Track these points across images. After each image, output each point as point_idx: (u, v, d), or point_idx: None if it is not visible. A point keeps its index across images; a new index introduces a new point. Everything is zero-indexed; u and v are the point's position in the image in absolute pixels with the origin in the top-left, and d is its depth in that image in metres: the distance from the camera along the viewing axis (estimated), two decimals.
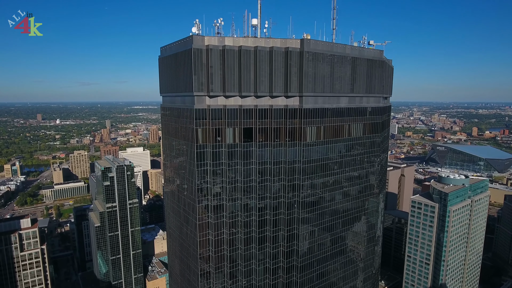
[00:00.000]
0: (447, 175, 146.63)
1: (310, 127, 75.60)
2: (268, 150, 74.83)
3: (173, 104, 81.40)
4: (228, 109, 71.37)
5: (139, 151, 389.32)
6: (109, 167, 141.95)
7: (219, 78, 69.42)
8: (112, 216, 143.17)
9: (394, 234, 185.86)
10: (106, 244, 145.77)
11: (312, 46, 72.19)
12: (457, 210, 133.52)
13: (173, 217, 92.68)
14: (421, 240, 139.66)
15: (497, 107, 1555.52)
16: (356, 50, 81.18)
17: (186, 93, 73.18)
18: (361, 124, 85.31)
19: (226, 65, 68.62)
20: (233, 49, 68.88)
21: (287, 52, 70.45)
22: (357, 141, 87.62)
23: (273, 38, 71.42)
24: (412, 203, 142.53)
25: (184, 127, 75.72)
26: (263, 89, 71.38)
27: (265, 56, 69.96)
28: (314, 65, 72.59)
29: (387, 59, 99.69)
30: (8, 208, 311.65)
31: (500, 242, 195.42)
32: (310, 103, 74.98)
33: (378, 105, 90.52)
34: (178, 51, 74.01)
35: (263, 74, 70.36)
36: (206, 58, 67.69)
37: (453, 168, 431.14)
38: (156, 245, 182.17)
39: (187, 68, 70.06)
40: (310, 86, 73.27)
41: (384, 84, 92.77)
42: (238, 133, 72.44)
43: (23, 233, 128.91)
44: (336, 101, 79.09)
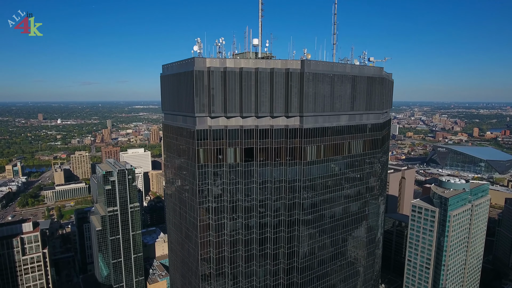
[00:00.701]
0: (447, 180, 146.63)
1: (311, 146, 76.27)
2: (268, 169, 75.52)
3: (174, 122, 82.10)
4: (229, 130, 72.06)
5: (140, 152, 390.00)
6: (110, 171, 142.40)
7: (220, 99, 70.15)
8: (113, 220, 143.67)
9: (394, 237, 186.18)
10: (108, 247, 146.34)
11: (313, 67, 72.80)
12: (458, 215, 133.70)
13: (175, 233, 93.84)
14: (422, 244, 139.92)
15: (498, 107, 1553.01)
16: (356, 69, 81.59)
17: (187, 113, 73.90)
18: (361, 141, 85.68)
19: (227, 87, 69.35)
20: (234, 71, 69.53)
21: (288, 73, 70.99)
22: (357, 158, 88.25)
23: (273, 60, 71.88)
24: (412, 207, 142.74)
25: (186, 147, 76.57)
26: (264, 109, 72.12)
27: (266, 78, 70.55)
28: (315, 85, 73.14)
29: (387, 73, 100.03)
30: (10, 209, 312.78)
31: (500, 246, 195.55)
32: (311, 122, 75.74)
33: (378, 121, 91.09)
34: (180, 71, 74.67)
35: (263, 95, 71.00)
36: (208, 80, 68.35)
37: (453, 169, 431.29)
38: (157, 248, 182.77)
39: (188, 89, 70.81)
40: (310, 106, 73.95)
41: (384, 100, 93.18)
42: (239, 153, 73.11)
43: (25, 237, 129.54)
44: (336, 120, 79.65)
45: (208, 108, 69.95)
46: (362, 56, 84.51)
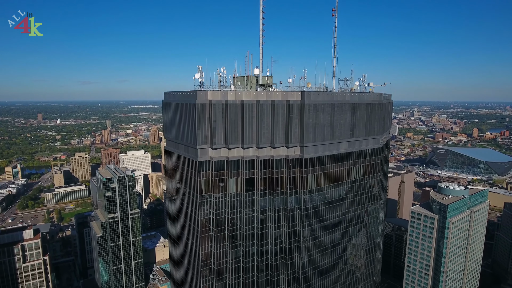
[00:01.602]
0: (446, 186, 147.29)
1: (311, 175, 77.17)
2: (269, 198, 76.44)
3: (176, 150, 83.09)
4: (231, 161, 73.02)
5: (140, 154, 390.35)
6: (110, 178, 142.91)
7: (222, 132, 71.12)
8: (114, 227, 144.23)
9: (394, 242, 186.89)
10: (108, 253, 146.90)
11: (313, 98, 73.75)
12: (457, 222, 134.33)
13: (177, 256, 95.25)
14: (421, 251, 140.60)
15: (497, 107, 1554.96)
16: (356, 96, 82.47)
17: (189, 144, 74.87)
18: (360, 166, 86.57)
19: (229, 119, 70.33)
20: (235, 103, 70.53)
21: (288, 105, 72.00)
22: (356, 183, 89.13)
23: (274, 91, 72.63)
24: (412, 213, 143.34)
25: (188, 176, 77.71)
26: (264, 141, 73.05)
27: (267, 109, 71.55)
28: (315, 115, 74.05)
29: (387, 94, 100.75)
30: (10, 212, 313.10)
31: (499, 250, 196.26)
32: (311, 152, 76.63)
33: (378, 145, 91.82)
34: (182, 102, 75.54)
35: (264, 126, 71.91)
36: (210, 113, 69.33)
37: (453, 170, 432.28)
38: (157, 253, 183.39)
39: (190, 121, 71.80)
40: (310, 136, 74.82)
41: (383, 124, 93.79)
42: (240, 183, 73.98)
43: (26, 245, 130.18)
44: (336, 148, 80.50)
45: (210, 140, 71.06)
46: (362, 78, 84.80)
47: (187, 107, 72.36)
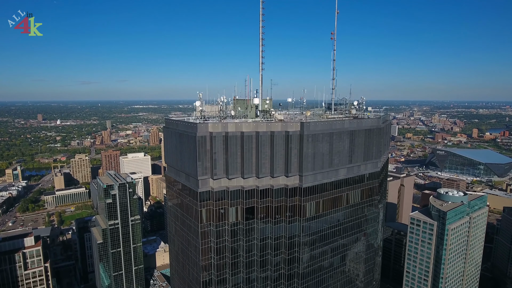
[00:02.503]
0: (446, 192, 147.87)
1: (310, 202, 77.97)
2: (269, 227, 77.36)
3: (177, 177, 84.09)
4: (231, 191, 73.94)
5: (140, 156, 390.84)
6: (111, 185, 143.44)
7: (222, 163, 71.96)
8: (115, 233, 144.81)
9: (393, 247, 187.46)
10: (109, 260, 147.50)
11: (312, 128, 74.56)
12: (456, 228, 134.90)
13: (179, 282, 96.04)
14: (420, 257, 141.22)
15: (497, 107, 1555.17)
16: (354, 123, 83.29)
17: (190, 174, 75.81)
18: (359, 191, 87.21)
19: (229, 151, 71.24)
20: (235, 135, 71.41)
21: (287, 136, 72.78)
22: (355, 207, 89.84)
23: (273, 122, 73.39)
24: (411, 219, 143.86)
25: (189, 205, 78.80)
26: (264, 171, 73.98)
27: (266, 141, 72.28)
28: (314, 145, 74.67)
29: (385, 115, 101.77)
30: (10, 214, 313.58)
31: (498, 254, 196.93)
32: (310, 181, 77.46)
33: (376, 169, 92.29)
34: (183, 132, 76.40)
35: (264, 157, 72.71)
36: (210, 145, 70.15)
37: (453, 172, 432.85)
38: (157, 258, 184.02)
39: (191, 153, 72.72)
40: (309, 165, 75.62)
41: (382, 148, 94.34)
42: (240, 212, 74.92)
43: (27, 252, 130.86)
44: (334, 174, 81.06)
45: (210, 171, 72.07)
46: (360, 100, 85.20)
47: (188, 138, 73.32)
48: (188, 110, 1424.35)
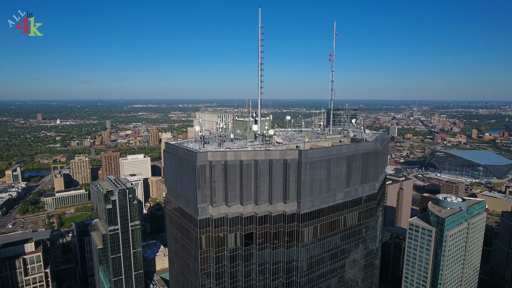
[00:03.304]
0: (444, 198, 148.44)
1: (308, 228, 78.99)
2: (267, 252, 78.39)
3: (177, 201, 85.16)
4: (230, 218, 75.08)
5: (140, 158, 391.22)
6: (111, 190, 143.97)
7: (222, 191, 73.01)
8: (114, 239, 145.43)
9: (392, 251, 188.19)
10: (109, 265, 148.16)
11: (310, 155, 75.43)
12: (454, 235, 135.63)
13: None
14: (418, 262, 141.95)
15: (497, 107, 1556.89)
16: (351, 148, 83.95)
17: (190, 200, 76.90)
18: (356, 213, 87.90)
19: (228, 179, 72.28)
20: (234, 164, 72.34)
21: (286, 164, 73.73)
22: (352, 229, 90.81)
23: (272, 150, 74.18)
24: (410, 225, 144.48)
25: (189, 231, 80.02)
26: (263, 198, 75.04)
27: (265, 169, 73.23)
28: (312, 172, 75.58)
29: (383, 136, 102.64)
30: (10, 216, 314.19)
31: (497, 258, 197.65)
32: (307, 207, 78.42)
33: (373, 191, 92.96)
34: (183, 158, 77.27)
35: (262, 185, 73.66)
36: (209, 173, 71.12)
37: (452, 173, 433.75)
38: (157, 262, 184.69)
39: (191, 180, 73.73)
40: (307, 192, 76.69)
41: (379, 170, 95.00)
42: (239, 238, 76.10)
43: (27, 258, 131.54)
44: (332, 199, 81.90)
45: (210, 199, 73.25)
46: (359, 121, 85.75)
47: (188, 165, 74.27)
48: (188, 110, 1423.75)
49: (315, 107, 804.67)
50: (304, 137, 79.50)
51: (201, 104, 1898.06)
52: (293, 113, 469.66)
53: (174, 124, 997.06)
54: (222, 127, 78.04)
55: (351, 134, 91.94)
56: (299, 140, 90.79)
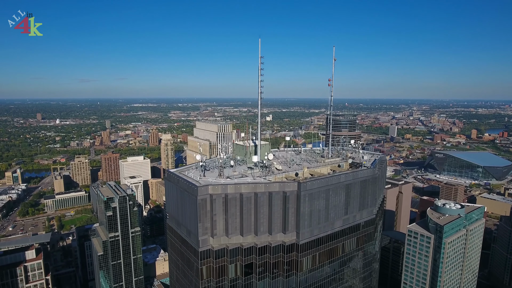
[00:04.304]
0: (443, 204, 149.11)
1: (307, 257, 79.96)
2: (267, 281, 79.31)
3: (178, 229, 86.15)
4: (230, 249, 76.16)
5: (140, 160, 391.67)
6: (111, 197, 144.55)
7: (222, 223, 74.14)
8: (115, 246, 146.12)
9: (391, 255, 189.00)
10: (109, 271, 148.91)
11: (309, 187, 76.20)
12: (452, 242, 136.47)
13: None
14: (417, 269, 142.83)
15: (497, 106, 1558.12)
16: (350, 176, 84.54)
17: (191, 231, 77.87)
18: (354, 239, 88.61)
19: (228, 212, 73.36)
20: (234, 197, 73.27)
21: (285, 197, 74.68)
22: (350, 254, 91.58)
23: (272, 183, 75.08)
24: (408, 232, 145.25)
25: (190, 261, 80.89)
26: (262, 230, 76.15)
27: (265, 201, 74.20)
28: (310, 204, 76.49)
29: (381, 157, 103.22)
30: (10, 219, 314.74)
31: (495, 262, 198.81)
32: (306, 236, 79.41)
33: (371, 216, 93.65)
34: (184, 189, 78.13)
35: (262, 217, 74.71)
36: (210, 206, 72.18)
37: (451, 174, 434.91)
38: (157, 267, 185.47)
39: (192, 213, 74.76)
40: (306, 223, 77.75)
41: (377, 195, 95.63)
42: (239, 268, 77.05)
43: (28, 265, 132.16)
44: (330, 227, 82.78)
45: (210, 231, 74.42)
46: (356, 145, 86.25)
47: (189, 197, 75.28)
48: (188, 109, 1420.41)
49: (315, 106, 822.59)
50: (303, 169, 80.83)
51: (200, 103, 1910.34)
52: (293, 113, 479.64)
53: (173, 124, 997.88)
54: (222, 150, 79.07)
55: (349, 160, 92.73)
56: (299, 165, 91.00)
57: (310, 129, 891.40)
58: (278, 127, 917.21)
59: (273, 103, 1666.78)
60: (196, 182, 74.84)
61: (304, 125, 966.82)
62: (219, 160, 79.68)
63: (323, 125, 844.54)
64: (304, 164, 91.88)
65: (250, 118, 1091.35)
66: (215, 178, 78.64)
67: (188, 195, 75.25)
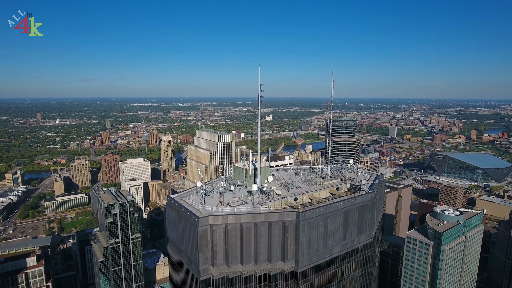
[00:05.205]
0: (442, 211, 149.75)
1: (305, 284, 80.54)
2: None
3: (179, 255, 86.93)
4: (230, 278, 76.93)
5: (140, 162, 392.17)
6: (112, 204, 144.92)
7: (223, 253, 75.11)
8: (115, 252, 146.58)
9: (390, 260, 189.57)
10: (110, 277, 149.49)
11: (308, 216, 77.00)
12: (451, 249, 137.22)
13: None
14: (416, 275, 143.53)
15: (496, 106, 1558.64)
16: (348, 202, 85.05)
17: (191, 258, 78.56)
18: (352, 263, 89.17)
19: (229, 242, 74.47)
20: (235, 227, 74.23)
21: (284, 227, 75.58)
22: (349, 278, 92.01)
23: (271, 213, 75.81)
24: (407, 238, 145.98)
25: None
26: (262, 259, 77.14)
27: (264, 231, 75.10)
28: (309, 232, 77.33)
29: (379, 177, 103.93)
30: (11, 221, 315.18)
31: (494, 266, 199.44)
32: (305, 264, 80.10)
33: (369, 240, 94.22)
34: (185, 218, 78.77)
35: (262, 246, 75.66)
36: (211, 237, 73.20)
37: (451, 176, 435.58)
38: (157, 271, 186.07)
39: (193, 243, 75.50)
40: (305, 251, 78.71)
41: (375, 220, 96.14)
42: None
43: (29, 272, 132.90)
44: (329, 253, 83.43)
45: (211, 261, 75.45)
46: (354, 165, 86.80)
47: (190, 227, 76.05)
48: (187, 109, 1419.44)
49: (315, 106, 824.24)
50: (302, 196, 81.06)
51: (200, 103, 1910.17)
52: (293, 112, 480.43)
53: (173, 124, 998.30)
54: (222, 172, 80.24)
55: (348, 185, 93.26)
56: (298, 188, 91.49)
57: (310, 129, 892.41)
58: (278, 127, 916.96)
59: (273, 103, 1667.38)
60: (197, 212, 75.58)
61: (304, 125, 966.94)
62: (219, 187, 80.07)
63: (323, 125, 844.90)
64: (303, 187, 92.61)
65: (250, 118, 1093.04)
66: (216, 206, 79.24)
67: (189, 225, 76.13)
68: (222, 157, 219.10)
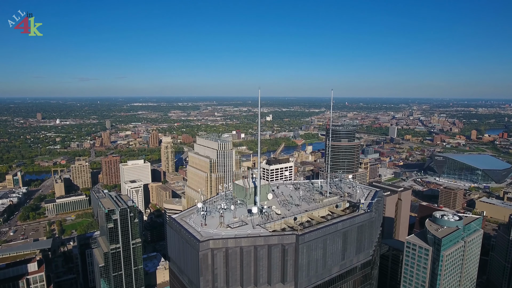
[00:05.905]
0: (441, 215, 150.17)
1: None
2: None
3: (180, 275, 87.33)
4: None
5: (140, 163, 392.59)
6: (112, 209, 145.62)
7: (223, 276, 75.78)
8: (116, 257, 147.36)
9: (390, 263, 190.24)
10: (110, 283, 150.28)
11: (307, 239, 77.70)
12: (450, 254, 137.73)
13: None
14: (415, 280, 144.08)
15: (497, 105, 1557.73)
16: (347, 223, 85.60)
17: (192, 281, 79.02)
18: (351, 282, 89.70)
19: (229, 265, 75.20)
20: (235, 251, 74.99)
21: (284, 250, 76.33)
22: None
23: (270, 236, 76.61)
24: (407, 243, 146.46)
25: None
26: (262, 281, 77.87)
27: (264, 254, 75.84)
28: (308, 254, 78.01)
29: (378, 193, 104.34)
30: (11, 223, 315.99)
31: (493, 269, 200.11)
32: (304, 286, 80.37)
33: (368, 258, 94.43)
34: (186, 240, 79.44)
35: (262, 268, 76.37)
36: (211, 260, 74.04)
37: (451, 177, 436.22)
38: (158, 275, 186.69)
39: (194, 266, 76.25)
40: (304, 273, 79.28)
41: (373, 238, 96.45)
42: None
43: (30, 278, 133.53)
44: (328, 274, 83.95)
45: (212, 283, 76.21)
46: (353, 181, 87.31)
47: (191, 250, 76.74)
48: (188, 108, 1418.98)
49: (315, 105, 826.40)
50: (302, 216, 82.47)
51: (200, 102, 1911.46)
52: (293, 112, 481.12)
53: (173, 124, 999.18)
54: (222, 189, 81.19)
55: (347, 204, 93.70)
56: (297, 206, 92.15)
57: (310, 129, 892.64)
58: (278, 127, 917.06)
59: (273, 102, 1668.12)
60: (197, 235, 76.27)
61: (304, 125, 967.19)
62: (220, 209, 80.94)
63: (323, 125, 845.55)
64: (302, 205, 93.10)
65: (250, 118, 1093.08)
66: (216, 228, 79.89)
67: (190, 248, 76.97)
68: (223, 164, 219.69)
